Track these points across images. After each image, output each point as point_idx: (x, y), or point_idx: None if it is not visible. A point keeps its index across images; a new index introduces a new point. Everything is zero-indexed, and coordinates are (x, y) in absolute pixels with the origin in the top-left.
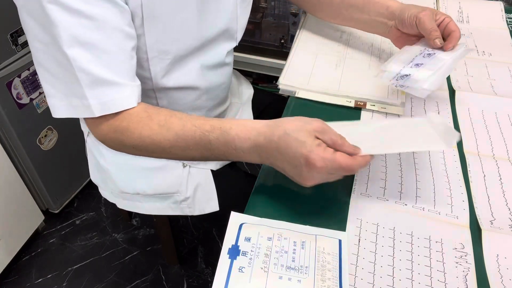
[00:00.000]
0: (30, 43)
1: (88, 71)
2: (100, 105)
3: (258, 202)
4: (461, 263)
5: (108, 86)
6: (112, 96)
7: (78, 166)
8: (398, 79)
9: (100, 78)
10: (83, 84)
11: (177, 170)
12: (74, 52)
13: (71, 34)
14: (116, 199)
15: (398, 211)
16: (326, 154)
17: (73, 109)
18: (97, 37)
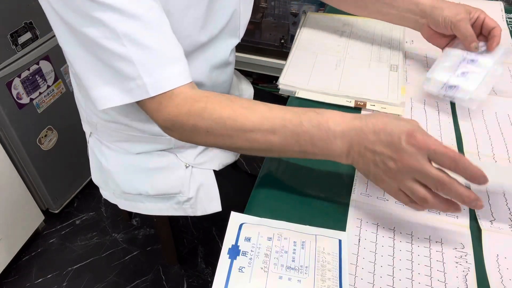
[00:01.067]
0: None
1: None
2: (155, 84)
3: (258, 202)
4: (461, 263)
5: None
6: (168, 70)
7: (78, 166)
8: (447, 89)
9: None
10: (136, 62)
11: (180, 171)
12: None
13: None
14: (118, 200)
15: (398, 211)
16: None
17: (127, 94)
18: (140, 10)
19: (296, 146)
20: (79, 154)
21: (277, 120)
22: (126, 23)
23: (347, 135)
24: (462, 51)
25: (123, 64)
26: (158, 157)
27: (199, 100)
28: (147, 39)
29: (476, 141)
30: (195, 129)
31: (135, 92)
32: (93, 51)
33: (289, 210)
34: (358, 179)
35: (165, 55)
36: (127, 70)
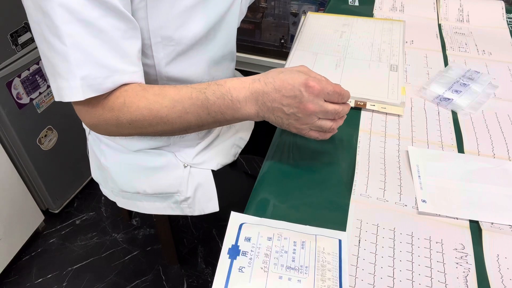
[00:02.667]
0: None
1: (82, 49)
2: (87, 88)
3: (258, 202)
4: (461, 264)
5: (99, 67)
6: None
7: (78, 166)
8: (442, 100)
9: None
10: (73, 62)
11: (178, 170)
12: (70, 28)
13: (68, 9)
14: (116, 198)
15: (398, 212)
16: (322, 77)
17: (58, 92)
18: (93, 14)
19: (209, 118)
20: (79, 154)
21: (185, 100)
22: (72, 24)
23: (251, 99)
24: (457, 75)
25: (59, 61)
26: (157, 156)
27: (119, 96)
28: (90, 45)
29: (476, 140)
30: (119, 123)
31: (66, 93)
32: (41, 41)
33: (289, 210)
34: (358, 180)
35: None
36: (62, 68)
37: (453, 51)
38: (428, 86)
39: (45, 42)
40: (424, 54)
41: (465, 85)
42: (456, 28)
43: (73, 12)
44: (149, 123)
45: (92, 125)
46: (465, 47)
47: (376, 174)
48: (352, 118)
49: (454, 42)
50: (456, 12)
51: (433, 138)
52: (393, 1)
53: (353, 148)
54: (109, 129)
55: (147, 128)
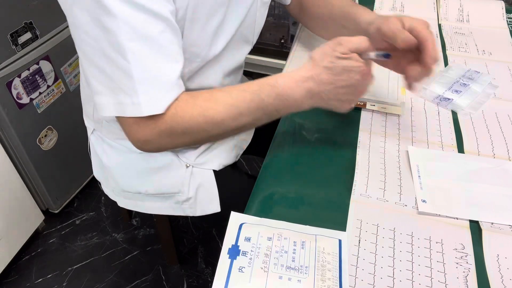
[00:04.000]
0: (80, 40)
1: (145, 66)
2: (149, 104)
3: (258, 202)
4: (461, 264)
5: (161, 83)
6: (163, 93)
7: (78, 166)
8: (442, 100)
9: (154, 74)
10: (136, 79)
11: (180, 170)
12: (133, 45)
13: (132, 26)
14: (118, 198)
15: (398, 212)
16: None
17: (120, 107)
18: (155, 30)
19: (264, 116)
20: (79, 154)
21: (240, 104)
22: (135, 42)
23: (306, 97)
24: (457, 75)
25: (122, 77)
26: (159, 156)
27: (171, 107)
28: (152, 62)
29: (476, 140)
30: (174, 133)
31: (128, 109)
32: (96, 56)
33: (289, 210)
34: (358, 180)
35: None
36: (125, 83)
37: (453, 51)
38: (428, 86)
39: (105, 57)
40: None
41: (465, 85)
42: (456, 28)
43: (136, 29)
44: (203, 129)
45: (145, 142)
46: (465, 47)
47: (376, 174)
48: (352, 118)
49: (454, 42)
50: (456, 12)
51: (433, 138)
52: (393, 1)
53: (353, 148)
54: (162, 142)
55: (201, 133)
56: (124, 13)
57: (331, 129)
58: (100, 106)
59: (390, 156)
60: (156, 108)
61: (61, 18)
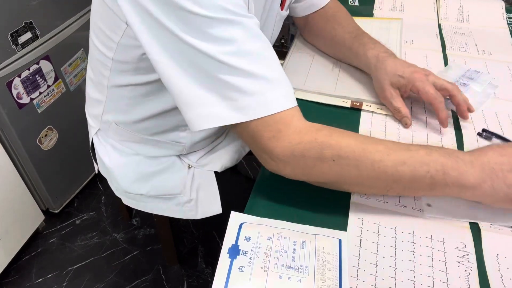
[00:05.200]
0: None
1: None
2: (276, 100)
3: (258, 202)
4: (463, 263)
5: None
6: (289, 88)
7: (78, 166)
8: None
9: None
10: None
11: (182, 172)
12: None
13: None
14: (121, 196)
15: (398, 213)
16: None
17: (241, 111)
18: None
19: (426, 177)
20: (79, 154)
21: (404, 150)
22: (251, 42)
23: (478, 164)
24: (456, 75)
25: (243, 80)
26: (162, 158)
27: (322, 128)
28: (269, 59)
29: (477, 140)
30: (320, 158)
31: (252, 110)
32: (202, 66)
33: (289, 210)
34: None
35: (282, 75)
36: (248, 86)
37: (453, 51)
38: None
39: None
40: (424, 54)
41: (465, 85)
42: (456, 28)
43: (252, 30)
44: (356, 165)
45: (284, 157)
46: (465, 47)
47: None
48: (352, 118)
49: (454, 42)
50: (456, 12)
51: (433, 138)
52: (393, 1)
53: None
54: (303, 164)
55: (350, 171)
56: (238, 20)
57: None
58: (207, 117)
59: None
60: (285, 104)
61: (61, 18)
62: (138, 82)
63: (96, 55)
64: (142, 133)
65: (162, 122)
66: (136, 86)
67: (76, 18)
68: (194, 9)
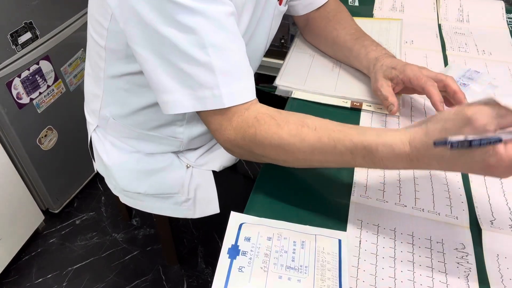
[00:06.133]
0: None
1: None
2: (230, 95)
3: (258, 202)
4: (462, 264)
5: (242, 73)
6: (244, 83)
7: (78, 166)
8: None
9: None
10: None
11: (180, 171)
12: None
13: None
14: (119, 194)
15: (398, 212)
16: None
17: (200, 102)
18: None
19: (348, 166)
20: (79, 154)
21: (328, 152)
22: (215, 34)
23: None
24: (456, 75)
25: (202, 72)
26: (160, 157)
27: (251, 125)
28: (230, 52)
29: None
30: (251, 153)
31: (209, 102)
32: (169, 55)
33: (289, 210)
34: (357, 181)
35: (241, 70)
36: (205, 78)
37: (453, 51)
38: None
39: (182, 55)
40: (424, 54)
41: (465, 85)
42: (456, 28)
43: (216, 21)
44: (283, 160)
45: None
46: (465, 47)
47: (375, 175)
48: (352, 118)
49: (454, 42)
50: (456, 12)
51: None
52: (393, 1)
53: None
54: (242, 152)
55: (280, 162)
56: (202, 8)
57: None
58: (173, 103)
59: None
60: (237, 99)
61: (61, 18)
62: (132, 71)
63: (92, 47)
64: (140, 128)
65: (158, 115)
66: (131, 75)
67: (76, 18)
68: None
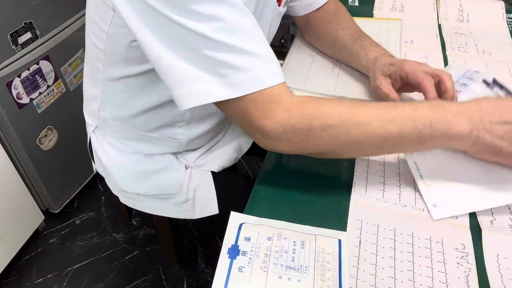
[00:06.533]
0: (165, 31)
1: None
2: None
3: (257, 202)
4: (462, 264)
5: (269, 60)
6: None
7: (78, 166)
8: None
9: (260, 54)
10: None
11: (179, 171)
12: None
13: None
14: (118, 194)
15: (398, 213)
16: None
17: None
18: (249, 10)
19: (414, 132)
20: (79, 154)
21: (390, 109)
22: (240, 20)
23: (466, 115)
24: (456, 75)
25: (233, 56)
26: (159, 158)
27: (309, 101)
28: (257, 36)
29: None
30: (310, 129)
31: (246, 85)
32: (193, 44)
33: (289, 210)
34: (357, 181)
35: (270, 52)
36: (238, 61)
37: (453, 51)
38: None
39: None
40: (424, 54)
41: (465, 85)
42: (456, 28)
43: (240, 10)
44: (346, 131)
45: (276, 134)
46: (465, 47)
47: (375, 175)
48: None
49: (454, 42)
50: (456, 12)
51: None
52: (393, 1)
53: None
54: (295, 138)
55: (341, 136)
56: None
57: None
58: (199, 93)
59: (389, 156)
60: (275, 79)
61: (61, 18)
62: (131, 74)
63: (91, 49)
64: (139, 129)
65: (157, 117)
66: (129, 78)
67: (76, 18)
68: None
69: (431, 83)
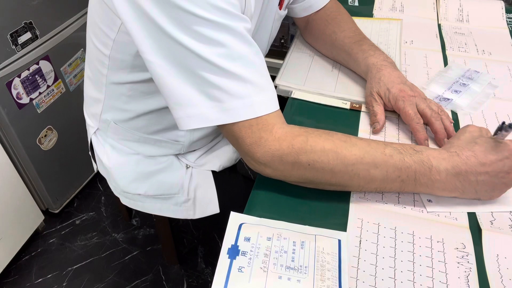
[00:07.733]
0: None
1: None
2: (263, 104)
3: (257, 202)
4: (462, 263)
5: (265, 89)
6: (269, 96)
7: (78, 166)
8: (441, 100)
9: (257, 82)
10: (248, 83)
11: (180, 171)
12: (239, 48)
13: (238, 35)
14: (119, 195)
15: (398, 213)
16: None
17: (228, 113)
18: (250, 38)
19: (397, 180)
20: (79, 154)
21: (378, 154)
22: (241, 47)
23: (452, 173)
24: (456, 75)
25: (231, 82)
26: (160, 159)
27: (299, 134)
28: (256, 64)
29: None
30: (296, 162)
31: (241, 112)
32: (193, 67)
33: (289, 210)
34: None
35: (268, 80)
36: (235, 88)
37: (452, 51)
38: (428, 86)
39: (212, 67)
40: (423, 54)
41: (465, 85)
42: (456, 28)
43: (243, 36)
44: (330, 169)
45: (264, 161)
46: (465, 47)
47: None
48: (351, 119)
49: (453, 42)
50: (456, 12)
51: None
52: (393, 1)
53: None
54: (282, 167)
55: (325, 174)
56: (228, 24)
57: (331, 130)
58: (196, 117)
59: None
60: (269, 108)
61: (61, 18)
62: (136, 80)
63: (93, 53)
64: (141, 132)
65: (160, 120)
66: (134, 84)
67: (76, 18)
68: (188, 7)
69: (421, 124)
